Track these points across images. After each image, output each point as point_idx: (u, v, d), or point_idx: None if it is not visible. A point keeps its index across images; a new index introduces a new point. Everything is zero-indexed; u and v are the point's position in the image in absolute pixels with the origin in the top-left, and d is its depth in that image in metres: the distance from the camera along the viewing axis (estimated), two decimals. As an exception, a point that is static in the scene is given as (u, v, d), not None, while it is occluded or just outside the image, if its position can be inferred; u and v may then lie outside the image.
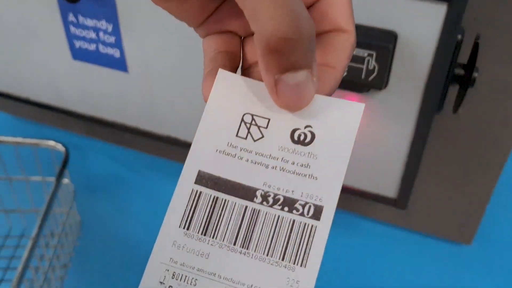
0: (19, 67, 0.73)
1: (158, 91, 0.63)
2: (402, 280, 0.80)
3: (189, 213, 0.22)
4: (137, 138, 0.73)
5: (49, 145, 0.86)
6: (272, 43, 0.19)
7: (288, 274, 0.21)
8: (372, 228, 0.75)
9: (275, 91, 0.21)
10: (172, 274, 0.21)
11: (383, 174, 0.56)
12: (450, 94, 0.52)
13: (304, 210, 0.21)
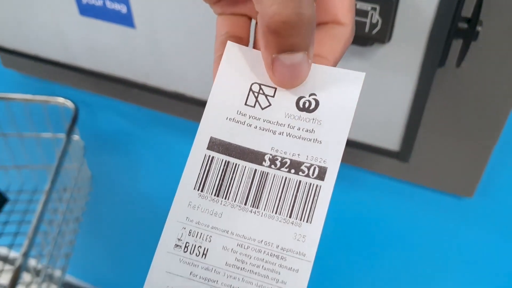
0: (27, 25, 0.73)
1: (165, 47, 0.63)
2: (404, 233, 0.81)
3: (202, 177, 0.23)
4: (144, 94, 0.74)
5: (58, 102, 0.87)
6: (272, 25, 0.20)
7: (295, 229, 0.22)
8: (375, 182, 0.76)
9: (271, 68, 0.22)
10: (189, 232, 0.23)
11: (386, 128, 0.57)
12: (454, 49, 0.52)
13: (310, 172, 0.23)
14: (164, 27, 0.61)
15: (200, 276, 0.22)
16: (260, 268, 0.22)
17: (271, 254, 0.22)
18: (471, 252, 0.78)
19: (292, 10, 0.20)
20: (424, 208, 0.76)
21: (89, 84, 0.86)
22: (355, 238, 0.88)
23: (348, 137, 0.62)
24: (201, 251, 0.23)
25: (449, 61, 0.54)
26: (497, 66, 0.54)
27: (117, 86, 0.75)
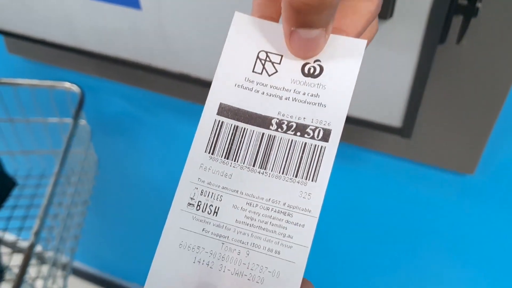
0: (33, 9, 0.74)
1: (171, 27, 0.64)
2: (406, 210, 0.82)
3: (213, 140, 0.25)
4: (150, 75, 0.75)
5: (64, 86, 0.88)
6: (295, 4, 0.21)
7: (301, 188, 0.24)
8: (378, 160, 0.77)
9: (289, 39, 0.23)
10: (201, 192, 0.24)
11: (388, 104, 0.58)
12: (454, 26, 0.53)
13: (315, 134, 0.24)
14: (170, 7, 0.62)
15: (212, 232, 0.24)
16: (268, 224, 0.23)
17: (279, 211, 0.23)
18: (472, 228, 0.79)
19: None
20: (426, 185, 0.77)
21: (94, 67, 0.86)
22: (358, 216, 0.89)
23: (351, 114, 0.63)
24: (212, 209, 0.24)
25: (450, 38, 0.54)
26: (497, 42, 0.55)
27: (122, 68, 0.76)
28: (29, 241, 0.69)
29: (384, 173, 0.78)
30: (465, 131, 0.65)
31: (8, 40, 0.94)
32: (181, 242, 0.24)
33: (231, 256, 0.23)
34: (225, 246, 0.24)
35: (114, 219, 1.35)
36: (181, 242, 0.24)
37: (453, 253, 0.85)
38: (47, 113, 0.93)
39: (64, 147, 0.78)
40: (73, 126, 0.82)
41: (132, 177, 1.15)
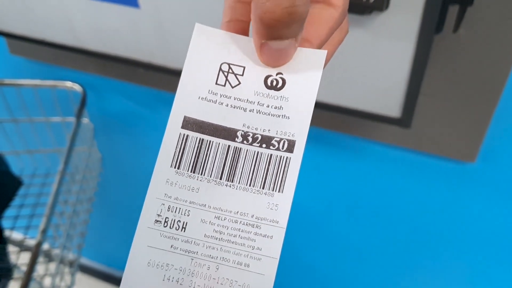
0: (34, 10, 0.74)
1: (169, 25, 0.65)
2: (408, 199, 0.83)
3: (178, 154, 0.25)
4: (150, 73, 0.75)
5: (66, 86, 0.89)
6: (265, 20, 0.21)
7: (268, 199, 0.24)
8: (378, 150, 0.77)
9: (259, 51, 0.24)
10: (168, 207, 0.24)
11: (387, 95, 0.59)
12: (450, 15, 0.54)
13: (280, 145, 0.24)
14: (168, 5, 0.62)
15: (180, 248, 0.24)
16: (237, 237, 0.24)
17: (247, 223, 0.24)
18: (474, 216, 0.79)
19: (284, 10, 0.21)
20: (427, 175, 0.77)
21: (95, 66, 0.87)
22: (360, 207, 0.90)
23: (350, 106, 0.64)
24: (180, 225, 0.24)
25: (446, 27, 0.55)
26: (494, 31, 0.55)
27: (123, 66, 0.77)
28: (36, 239, 0.70)
29: (385, 163, 0.79)
30: (465, 119, 0.65)
31: (10, 41, 0.95)
32: (149, 260, 0.24)
33: (201, 271, 0.23)
34: (195, 262, 0.24)
35: (118, 215, 1.36)
36: (149, 261, 0.24)
37: (456, 241, 0.85)
38: (50, 112, 0.94)
39: (68, 146, 0.79)
40: (76, 124, 0.83)
41: (135, 173, 1.15)
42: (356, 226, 0.94)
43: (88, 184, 0.94)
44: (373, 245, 0.96)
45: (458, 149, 0.69)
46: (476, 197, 0.77)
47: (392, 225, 0.89)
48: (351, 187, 0.87)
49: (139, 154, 1.09)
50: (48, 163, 1.02)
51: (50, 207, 0.73)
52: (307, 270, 1.12)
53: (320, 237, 1.00)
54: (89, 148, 0.92)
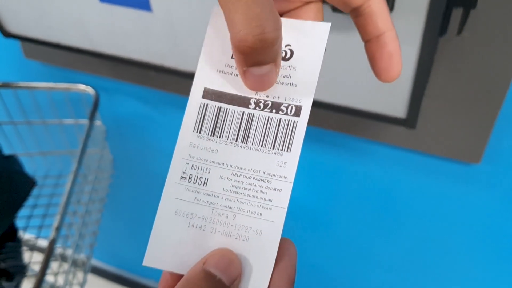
0: (49, 14, 0.77)
1: (181, 28, 0.66)
2: (413, 200, 0.84)
3: (200, 121, 0.28)
4: (162, 76, 0.77)
5: (79, 89, 0.91)
6: (240, 48, 0.24)
7: (278, 158, 0.27)
8: (383, 151, 0.78)
9: (244, 78, 0.26)
10: (191, 166, 0.28)
11: (392, 96, 0.60)
12: (454, 18, 0.55)
13: (288, 110, 0.27)
14: (180, 8, 0.64)
15: (202, 200, 0.27)
16: (250, 190, 0.27)
17: (259, 179, 0.27)
18: (479, 217, 0.80)
19: (255, 37, 0.23)
20: (432, 176, 0.78)
21: (108, 69, 0.89)
22: (365, 208, 0.91)
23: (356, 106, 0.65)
24: (202, 180, 0.27)
25: (450, 30, 0.56)
26: (497, 32, 0.57)
27: (135, 69, 0.79)
28: (50, 236, 0.71)
29: (390, 164, 0.80)
30: (469, 120, 0.66)
31: (24, 45, 0.97)
32: (176, 210, 0.27)
33: (220, 219, 0.27)
34: (215, 211, 0.27)
35: (128, 217, 1.38)
36: (177, 210, 0.27)
37: (461, 243, 0.86)
38: (63, 114, 0.95)
39: (81, 147, 0.81)
40: (89, 126, 0.84)
41: (146, 174, 1.17)
42: (361, 226, 0.95)
43: (100, 185, 0.95)
44: (378, 246, 0.96)
45: (462, 150, 0.70)
46: (481, 198, 0.77)
47: (397, 225, 0.90)
48: (356, 187, 0.87)
49: (150, 156, 1.10)
50: (60, 164, 1.04)
51: (63, 206, 0.74)
52: (312, 271, 1.13)
53: (325, 237, 1.01)
54: (101, 150, 0.94)
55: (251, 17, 0.23)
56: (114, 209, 1.28)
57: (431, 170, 0.77)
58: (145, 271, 1.60)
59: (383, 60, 0.28)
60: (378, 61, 0.28)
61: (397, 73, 0.28)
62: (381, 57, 0.28)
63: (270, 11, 0.23)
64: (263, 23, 0.23)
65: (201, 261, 0.25)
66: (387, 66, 0.28)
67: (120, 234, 1.46)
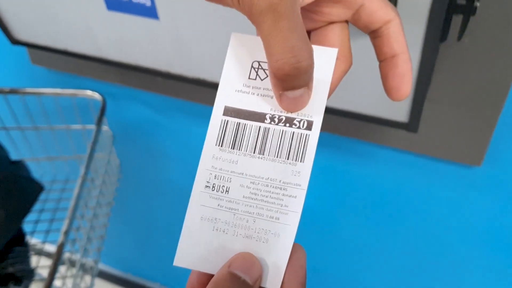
0: (57, 22, 0.78)
1: (187, 36, 0.68)
2: (415, 203, 0.84)
3: (221, 135, 0.31)
4: (168, 81, 0.78)
5: (86, 94, 0.92)
6: (278, 75, 0.26)
7: (292, 168, 0.30)
8: (385, 154, 0.79)
9: (279, 100, 0.29)
10: (214, 176, 0.31)
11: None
12: (454, 24, 0.56)
13: (300, 124, 0.30)
14: (186, 17, 0.65)
15: (225, 206, 0.30)
16: (268, 197, 0.30)
17: (276, 187, 0.30)
18: (481, 219, 0.80)
19: (291, 66, 0.26)
20: (434, 178, 0.78)
21: (115, 75, 0.90)
22: (368, 211, 0.91)
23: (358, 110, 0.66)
24: (224, 189, 0.30)
25: (451, 36, 0.57)
26: (497, 38, 0.58)
27: (142, 75, 0.80)
28: (59, 240, 0.73)
29: (392, 167, 0.80)
30: (470, 123, 0.67)
31: (31, 52, 0.98)
32: (202, 215, 0.30)
33: (242, 223, 0.30)
34: (237, 216, 0.30)
35: (135, 221, 1.39)
36: (202, 216, 0.30)
37: (462, 245, 0.86)
38: (70, 120, 0.97)
39: (88, 152, 0.82)
40: (96, 132, 0.85)
41: (153, 179, 1.18)
42: (365, 230, 0.95)
43: (107, 189, 0.97)
44: (381, 249, 0.97)
45: (464, 153, 0.71)
46: (482, 201, 0.78)
47: (400, 228, 0.90)
48: (359, 191, 0.88)
49: (156, 160, 1.11)
50: (67, 169, 1.05)
51: (72, 210, 0.76)
52: (317, 274, 1.14)
53: (329, 241, 1.02)
54: (108, 155, 0.95)
55: (287, 48, 0.25)
56: (121, 213, 1.29)
57: (433, 172, 0.77)
58: (151, 274, 1.60)
59: (395, 79, 0.30)
60: (390, 80, 0.30)
61: (407, 93, 0.30)
62: (393, 77, 0.30)
63: (304, 42, 0.26)
64: (298, 53, 0.25)
65: (226, 264, 0.28)
66: (398, 86, 0.30)
67: (126, 238, 1.46)
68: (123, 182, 1.07)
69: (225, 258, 0.29)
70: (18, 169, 0.89)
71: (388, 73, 0.30)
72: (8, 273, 0.90)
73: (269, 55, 0.26)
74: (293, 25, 0.25)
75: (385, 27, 0.30)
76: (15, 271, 0.90)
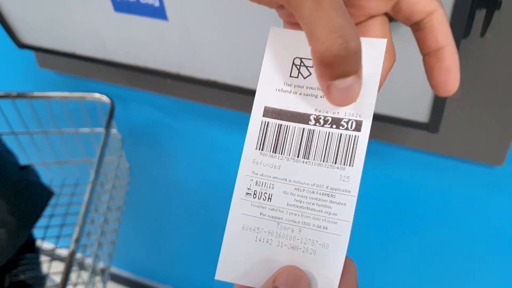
0: (64, 24, 0.77)
1: (197, 37, 0.66)
2: (437, 204, 0.83)
3: (262, 138, 0.29)
4: (178, 83, 0.76)
5: (94, 97, 0.91)
6: (325, 59, 0.24)
7: (340, 172, 0.27)
8: (407, 155, 0.78)
9: (328, 93, 0.26)
10: (256, 182, 0.28)
11: (414, 100, 0.59)
12: (477, 19, 0.54)
13: (348, 125, 0.27)
14: (195, 18, 0.64)
15: (268, 215, 0.28)
16: (315, 205, 0.27)
17: (323, 193, 0.27)
18: (503, 219, 0.79)
19: (340, 46, 0.23)
20: (456, 179, 0.77)
21: (123, 77, 0.89)
22: (391, 212, 0.90)
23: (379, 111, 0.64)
24: (266, 196, 0.28)
25: (474, 31, 0.55)
26: (521, 34, 0.56)
27: (151, 78, 0.78)
28: (70, 247, 0.71)
29: (413, 168, 0.79)
30: (492, 123, 0.65)
31: (38, 55, 0.97)
32: (243, 225, 0.28)
33: (286, 233, 0.27)
34: (280, 226, 0.28)
35: (146, 223, 1.38)
36: (244, 225, 0.28)
37: (485, 244, 0.85)
38: (79, 123, 0.96)
39: (98, 156, 0.81)
40: (105, 135, 0.84)
41: (163, 182, 1.17)
42: (385, 230, 0.94)
43: (117, 193, 0.95)
44: (403, 248, 0.96)
45: (485, 153, 0.69)
46: (504, 200, 0.77)
47: (421, 229, 0.89)
48: (380, 192, 0.87)
49: (166, 162, 1.10)
50: (76, 173, 1.04)
51: (82, 216, 0.74)
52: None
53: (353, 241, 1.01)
54: (118, 158, 0.93)
55: (333, 29, 0.23)
56: (132, 216, 1.28)
57: (454, 173, 0.76)
58: (163, 277, 1.60)
59: (442, 74, 0.28)
60: (436, 75, 0.28)
61: (455, 87, 0.28)
62: (440, 71, 0.28)
63: (349, 21, 0.24)
64: (345, 33, 0.23)
65: (271, 279, 0.26)
66: (445, 80, 0.28)
67: (138, 240, 1.46)
68: (133, 186, 1.05)
69: (269, 270, 0.27)
70: (28, 175, 0.88)
71: (433, 67, 0.28)
72: (20, 280, 0.89)
73: (313, 39, 0.24)
74: (336, 4, 0.23)
75: (428, 18, 0.28)
76: (26, 278, 0.89)
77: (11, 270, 0.87)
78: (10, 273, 0.86)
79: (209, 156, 0.99)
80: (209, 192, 1.09)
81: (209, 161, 1.00)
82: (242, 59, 0.66)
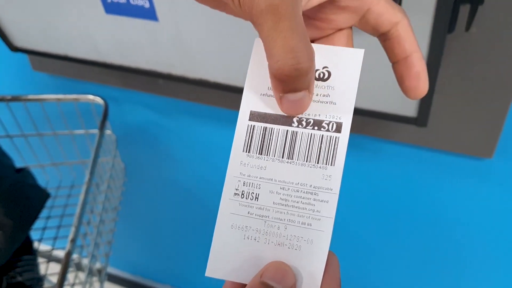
0: (56, 27, 0.77)
1: (187, 37, 0.67)
2: (428, 197, 0.84)
3: (248, 141, 0.30)
4: (170, 83, 0.77)
5: (88, 99, 0.91)
6: (277, 76, 0.26)
7: (323, 172, 0.29)
8: (396, 150, 0.78)
9: (280, 103, 0.29)
10: (243, 183, 0.30)
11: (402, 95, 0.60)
12: (462, 14, 0.55)
13: (329, 127, 0.29)
14: (186, 17, 0.64)
15: (255, 214, 0.30)
16: (299, 203, 0.29)
17: (306, 192, 0.29)
18: (492, 211, 0.80)
19: (291, 67, 0.25)
20: (445, 172, 0.78)
21: (116, 78, 0.89)
22: (380, 206, 0.91)
23: (367, 107, 0.65)
24: (254, 196, 0.30)
25: (459, 26, 0.56)
26: (505, 28, 0.56)
27: (143, 78, 0.79)
28: (66, 248, 0.72)
29: (403, 162, 0.80)
30: (481, 115, 0.66)
31: (32, 58, 0.98)
32: (232, 224, 0.30)
33: (273, 231, 0.29)
34: (267, 224, 0.29)
35: (142, 223, 1.38)
36: (232, 224, 0.30)
37: (474, 237, 0.86)
38: (73, 125, 0.96)
39: (92, 157, 0.81)
40: (100, 136, 0.85)
41: (158, 181, 1.18)
42: (374, 225, 0.95)
43: (113, 194, 0.96)
44: (391, 242, 0.96)
45: (475, 145, 0.70)
46: (494, 193, 0.77)
47: (411, 223, 0.90)
48: (369, 187, 0.87)
49: (161, 162, 1.11)
50: (72, 174, 1.05)
51: (78, 217, 0.75)
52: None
53: (338, 237, 1.01)
54: (113, 159, 0.94)
55: (288, 49, 0.25)
56: (128, 216, 1.29)
57: (444, 166, 0.77)
58: (161, 276, 1.60)
59: (412, 79, 0.30)
60: (406, 81, 0.30)
61: (425, 90, 0.30)
62: (409, 77, 0.30)
63: (304, 44, 0.25)
64: (298, 54, 0.25)
65: (258, 274, 0.28)
66: (416, 85, 0.30)
67: (135, 240, 1.46)
68: (128, 186, 1.06)
69: (257, 267, 0.29)
70: (24, 177, 0.88)
71: (403, 74, 0.30)
72: (17, 282, 0.90)
73: (269, 55, 0.26)
74: (294, 26, 0.25)
75: (394, 29, 0.30)
76: (23, 280, 0.90)
77: (8, 271, 0.88)
78: (8, 275, 0.87)
79: (202, 154, 1.00)
80: (203, 189, 1.10)
81: (203, 159, 1.01)
82: (232, 58, 0.67)
